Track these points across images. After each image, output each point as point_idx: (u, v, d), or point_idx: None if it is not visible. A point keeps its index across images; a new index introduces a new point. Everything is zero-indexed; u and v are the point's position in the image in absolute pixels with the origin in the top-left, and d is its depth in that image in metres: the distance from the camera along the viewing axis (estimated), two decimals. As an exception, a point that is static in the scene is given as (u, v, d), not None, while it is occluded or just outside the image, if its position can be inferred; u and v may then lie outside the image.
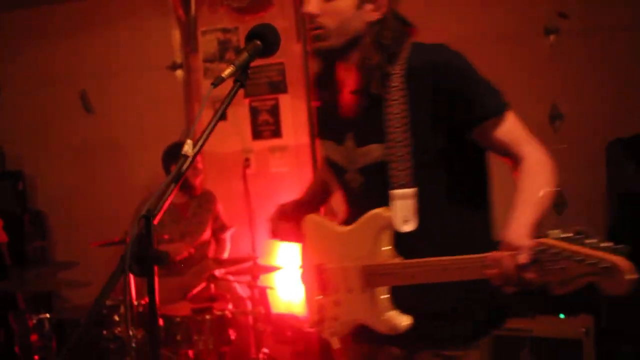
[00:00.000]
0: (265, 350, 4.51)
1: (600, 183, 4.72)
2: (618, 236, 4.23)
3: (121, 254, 1.60)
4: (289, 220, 2.43)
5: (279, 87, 5.59)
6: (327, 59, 2.14)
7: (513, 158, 2.03)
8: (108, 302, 4.35)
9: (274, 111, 5.61)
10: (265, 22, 1.96)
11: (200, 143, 1.77)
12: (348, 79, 2.14)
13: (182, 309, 4.47)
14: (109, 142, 5.99)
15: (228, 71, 1.81)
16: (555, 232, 1.62)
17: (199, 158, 5.08)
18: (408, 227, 1.99)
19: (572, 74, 4.99)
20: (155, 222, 1.65)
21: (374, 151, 2.06)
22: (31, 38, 6.19)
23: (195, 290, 4.77)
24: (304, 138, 5.53)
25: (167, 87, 5.86)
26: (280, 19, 5.56)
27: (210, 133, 1.80)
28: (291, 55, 5.49)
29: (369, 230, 2.08)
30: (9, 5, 6.19)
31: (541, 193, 1.91)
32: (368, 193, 2.13)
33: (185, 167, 1.74)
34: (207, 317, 4.35)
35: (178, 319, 4.39)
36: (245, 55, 1.86)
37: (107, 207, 5.88)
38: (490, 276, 1.73)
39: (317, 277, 2.29)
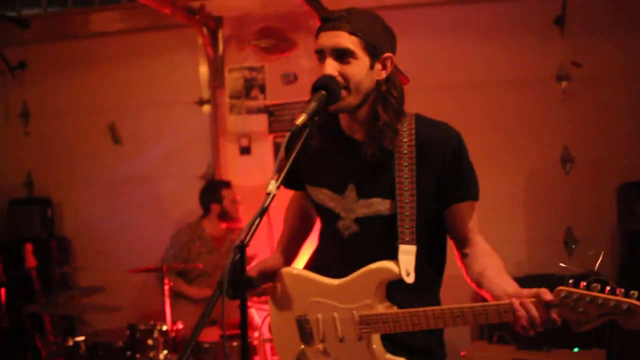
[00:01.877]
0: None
1: (611, 223, 4.96)
2: (629, 275, 4.49)
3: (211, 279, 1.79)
4: (267, 279, 2.49)
5: (302, 124, 5.83)
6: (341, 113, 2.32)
7: (462, 241, 2.32)
8: (142, 327, 4.54)
9: (298, 147, 5.83)
10: (328, 75, 2.17)
11: (279, 181, 1.97)
12: (355, 132, 2.31)
13: (211, 335, 4.64)
14: (136, 173, 6.21)
15: (301, 119, 2.03)
16: (569, 283, 1.94)
17: (235, 190, 5.35)
18: (409, 279, 2.17)
19: (583, 119, 5.24)
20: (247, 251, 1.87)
21: (377, 205, 2.25)
22: (62, 69, 6.45)
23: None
24: (325, 174, 5.75)
25: (194, 121, 6.11)
26: (304, 59, 5.83)
27: (286, 174, 2.00)
28: (315, 94, 5.75)
29: (371, 281, 2.23)
30: (41, 38, 6.46)
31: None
32: (359, 242, 2.30)
33: (267, 204, 1.94)
34: (234, 344, 4.53)
35: (207, 345, 4.57)
36: (314, 104, 2.08)
37: (132, 235, 6.11)
38: (516, 318, 1.98)
39: (299, 327, 2.39)
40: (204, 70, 6.09)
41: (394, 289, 2.23)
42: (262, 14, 5.86)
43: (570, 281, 1.93)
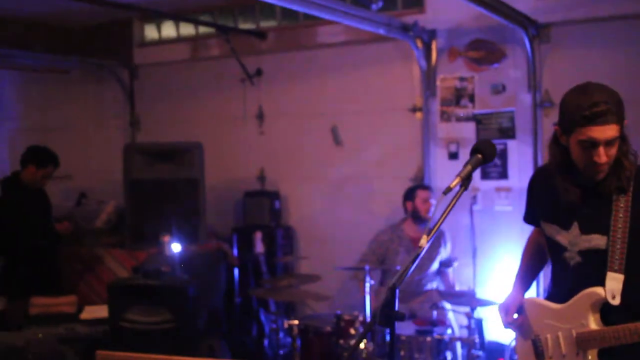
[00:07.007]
0: (478, 374, 5.02)
1: None
2: None
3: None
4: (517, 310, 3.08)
5: (508, 132, 6.08)
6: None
7: None
8: (346, 317, 5.11)
9: (502, 154, 6.09)
10: (485, 139, 2.64)
11: (431, 234, 2.32)
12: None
13: (407, 329, 5.09)
14: (353, 173, 6.81)
15: (455, 182, 2.38)
16: None
17: (429, 194, 5.73)
18: (614, 301, 2.67)
19: None
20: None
21: (596, 240, 2.72)
22: (292, 76, 7.21)
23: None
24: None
25: (406, 126, 6.57)
26: (512, 70, 6.05)
27: (442, 223, 2.37)
28: (521, 104, 6.00)
29: (584, 304, 2.74)
30: (276, 48, 7.25)
31: None
32: (582, 270, 2.77)
33: (419, 256, 2.29)
34: (428, 339, 4.94)
35: (403, 338, 5.03)
36: (469, 168, 2.44)
37: (347, 229, 6.71)
38: None
39: (533, 347, 2.94)
40: (417, 79, 6.51)
41: (608, 310, 2.71)
42: (473, 26, 6.15)
43: None
